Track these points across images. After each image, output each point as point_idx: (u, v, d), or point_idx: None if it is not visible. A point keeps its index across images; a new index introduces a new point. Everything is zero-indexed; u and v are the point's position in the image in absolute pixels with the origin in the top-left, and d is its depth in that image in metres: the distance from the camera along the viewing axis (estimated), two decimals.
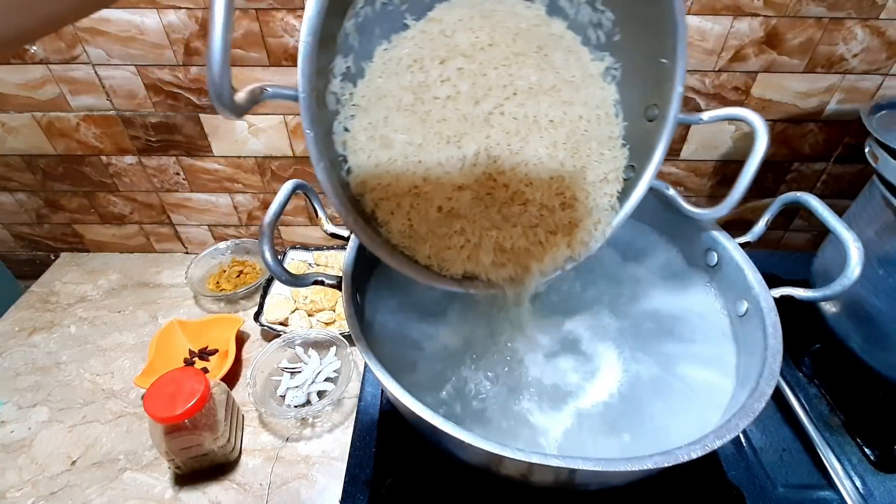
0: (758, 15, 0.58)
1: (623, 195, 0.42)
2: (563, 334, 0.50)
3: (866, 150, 0.52)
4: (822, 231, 0.75)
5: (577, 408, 0.45)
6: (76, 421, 0.60)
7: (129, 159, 0.73)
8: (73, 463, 0.56)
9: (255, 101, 0.27)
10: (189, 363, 0.65)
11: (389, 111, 0.36)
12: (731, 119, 0.41)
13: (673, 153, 0.71)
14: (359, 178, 0.37)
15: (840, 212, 0.44)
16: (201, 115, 0.68)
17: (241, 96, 0.25)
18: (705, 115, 0.42)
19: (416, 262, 0.39)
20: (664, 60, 0.37)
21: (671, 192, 0.49)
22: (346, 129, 0.36)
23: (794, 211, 0.77)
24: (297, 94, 0.30)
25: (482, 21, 0.37)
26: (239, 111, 0.25)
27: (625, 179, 0.42)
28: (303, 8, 0.58)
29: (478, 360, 0.48)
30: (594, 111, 0.40)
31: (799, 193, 0.41)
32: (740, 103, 0.65)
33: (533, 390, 0.46)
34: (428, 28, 0.37)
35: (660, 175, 0.43)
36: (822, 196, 0.40)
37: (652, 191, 0.43)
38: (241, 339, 0.69)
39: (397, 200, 0.37)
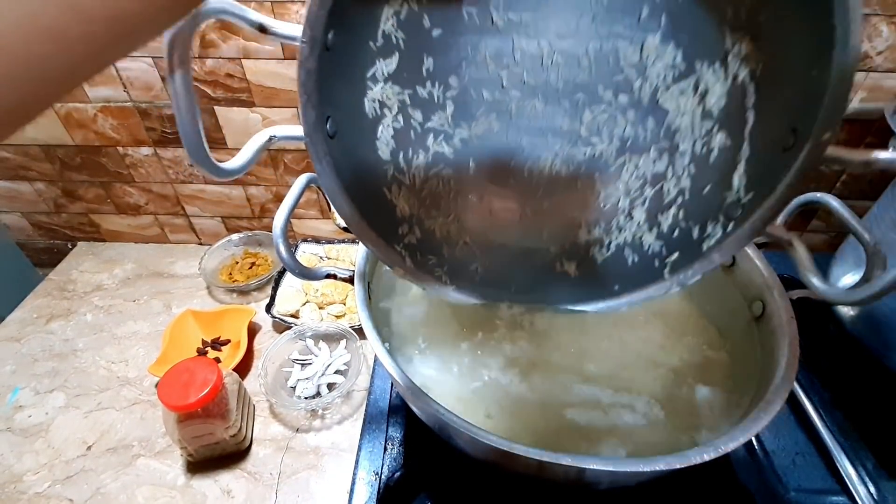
0: None
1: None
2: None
3: (889, 149, 0.51)
4: (841, 233, 0.74)
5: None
6: (92, 407, 0.61)
7: (145, 150, 0.74)
8: (89, 448, 0.57)
9: (256, 159, 0.27)
10: (202, 353, 0.66)
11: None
12: None
13: None
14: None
15: (861, 213, 0.43)
16: (216, 108, 0.68)
17: (233, 164, 0.27)
18: (882, 155, 0.27)
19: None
20: (815, 73, 0.26)
21: (801, 249, 0.36)
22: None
23: (812, 211, 0.76)
24: (303, 137, 0.29)
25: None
26: (231, 175, 0.27)
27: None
28: None
29: (490, 355, 0.48)
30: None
31: (818, 194, 0.40)
32: None
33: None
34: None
35: None
36: (841, 197, 0.39)
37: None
38: (252, 330, 0.69)
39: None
